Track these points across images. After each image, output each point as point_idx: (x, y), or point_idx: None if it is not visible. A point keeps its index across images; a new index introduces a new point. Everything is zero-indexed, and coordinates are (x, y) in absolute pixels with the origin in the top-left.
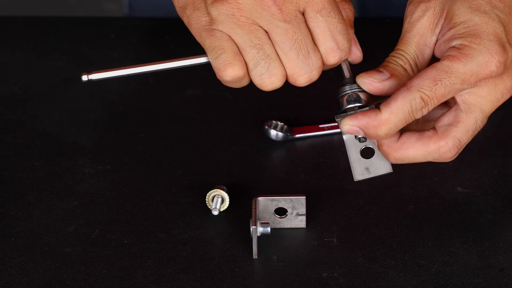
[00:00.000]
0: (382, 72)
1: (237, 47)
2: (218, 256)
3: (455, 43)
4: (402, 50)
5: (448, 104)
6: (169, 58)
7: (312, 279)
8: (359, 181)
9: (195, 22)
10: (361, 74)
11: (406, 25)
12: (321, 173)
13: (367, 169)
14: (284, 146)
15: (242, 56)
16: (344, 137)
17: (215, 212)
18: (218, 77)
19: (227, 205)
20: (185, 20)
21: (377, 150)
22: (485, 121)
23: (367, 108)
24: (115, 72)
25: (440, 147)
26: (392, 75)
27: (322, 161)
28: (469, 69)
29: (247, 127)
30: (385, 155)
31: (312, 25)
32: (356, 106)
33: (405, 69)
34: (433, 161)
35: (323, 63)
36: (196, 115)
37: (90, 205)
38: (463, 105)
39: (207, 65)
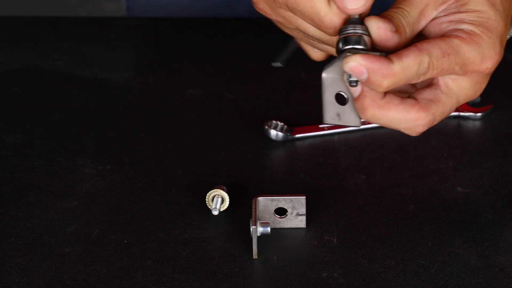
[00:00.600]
0: (390, 23)
1: None
2: (218, 256)
3: (464, 27)
4: (407, 11)
5: (415, 85)
6: (169, 58)
7: (312, 279)
8: (329, 123)
9: None
10: (373, 16)
11: None
12: (321, 173)
13: (338, 115)
14: (284, 146)
15: None
16: (324, 75)
17: (215, 212)
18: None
19: (227, 205)
20: None
21: (351, 101)
22: (453, 111)
23: (378, 54)
24: None
25: (418, 118)
26: (396, 31)
27: (322, 161)
28: (473, 56)
29: (247, 127)
30: (362, 108)
31: None
32: (357, 49)
33: (406, 31)
34: (402, 130)
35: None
36: (196, 115)
37: (90, 205)
38: (444, 87)
39: (207, 63)
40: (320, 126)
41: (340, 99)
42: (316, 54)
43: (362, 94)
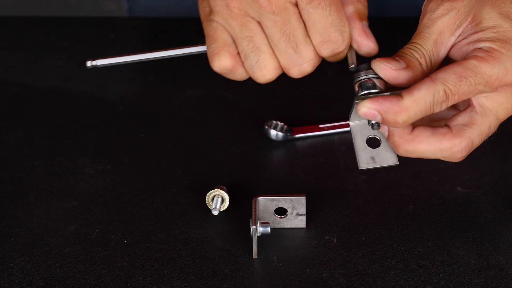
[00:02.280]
0: (398, 61)
1: (232, 38)
2: (218, 256)
3: (482, 45)
4: (420, 44)
5: (457, 107)
6: (168, 58)
7: (312, 279)
8: (363, 170)
9: (201, 13)
10: (377, 59)
11: (425, 20)
12: (321, 173)
13: (372, 158)
14: (284, 146)
15: (236, 49)
16: (351, 123)
17: (215, 212)
18: (211, 66)
19: (227, 205)
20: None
21: (384, 141)
22: (496, 127)
23: (389, 93)
24: (119, 59)
25: (453, 146)
26: (408, 66)
27: (322, 161)
28: (495, 73)
29: (247, 127)
30: (395, 146)
31: (304, 17)
32: (372, 93)
33: (421, 64)
34: (441, 159)
35: (318, 55)
36: (196, 115)
37: (90, 205)
38: (479, 108)
39: (207, 63)
40: (320, 126)
41: (373, 142)
42: None
43: (390, 133)
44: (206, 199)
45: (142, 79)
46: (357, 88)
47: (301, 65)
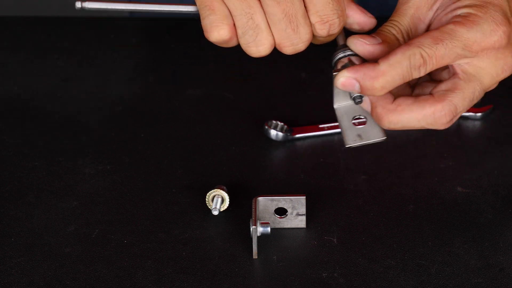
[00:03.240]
0: (374, 37)
1: (229, 11)
2: (218, 256)
3: (460, 12)
4: (396, 20)
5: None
6: (169, 58)
7: (312, 279)
8: (350, 148)
9: None
10: (352, 36)
11: None
12: (321, 173)
13: (359, 135)
14: (284, 146)
15: (234, 21)
16: (335, 106)
17: (215, 212)
18: (205, 35)
19: (227, 205)
20: None
21: (370, 118)
22: (482, 94)
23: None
24: (109, 5)
25: (435, 111)
26: (384, 41)
27: (322, 161)
28: (473, 35)
29: (247, 127)
30: (378, 119)
31: None
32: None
33: (397, 39)
34: (427, 127)
35: (313, 35)
36: (196, 115)
37: (90, 205)
38: (462, 74)
39: (207, 63)
40: (320, 126)
41: (359, 123)
42: None
43: (372, 105)
44: (206, 199)
45: (142, 79)
46: (336, 66)
47: (297, 44)
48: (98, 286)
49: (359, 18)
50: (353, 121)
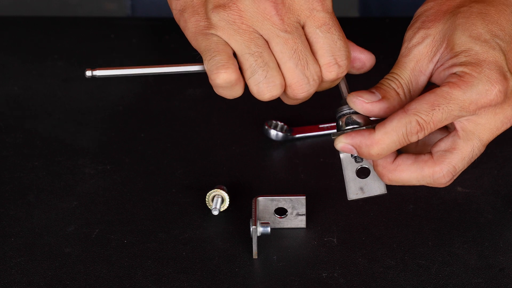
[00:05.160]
0: (373, 93)
1: (234, 52)
2: (218, 256)
3: (455, 70)
4: (397, 74)
5: (448, 129)
6: (169, 58)
7: (312, 279)
8: (352, 201)
9: (192, 26)
10: (351, 94)
11: (403, 50)
12: (321, 173)
13: (361, 189)
14: (284, 146)
15: (240, 64)
16: (341, 155)
17: (215, 212)
18: (210, 80)
19: (227, 205)
20: (182, 24)
21: (373, 170)
22: (482, 149)
23: (364, 127)
24: (118, 71)
25: (434, 173)
26: (383, 97)
27: (322, 161)
28: (468, 97)
29: (247, 127)
30: (380, 176)
31: (312, 39)
32: (352, 128)
33: (398, 93)
34: (427, 185)
35: (321, 77)
36: (196, 115)
37: (90, 205)
38: (461, 132)
39: None
40: (320, 126)
41: (362, 172)
42: None
43: (374, 163)
44: (206, 199)
45: (142, 79)
46: (339, 123)
47: (308, 83)
48: (98, 286)
49: (360, 55)
50: (358, 169)
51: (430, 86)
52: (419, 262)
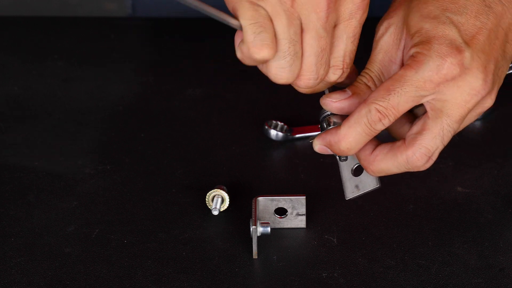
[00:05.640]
0: (345, 91)
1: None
2: (218, 256)
3: (411, 52)
4: (367, 68)
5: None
6: (168, 58)
7: (312, 279)
8: (349, 200)
9: None
10: (322, 96)
11: (373, 43)
12: (321, 173)
13: (357, 186)
14: (284, 146)
15: None
16: (337, 157)
17: (215, 212)
18: (246, 49)
19: (227, 205)
20: None
21: None
22: (455, 126)
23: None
24: None
25: (408, 157)
26: (354, 93)
27: (322, 161)
28: (421, 76)
29: (247, 127)
30: (365, 169)
31: (336, 42)
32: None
33: (369, 87)
34: (407, 171)
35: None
36: (196, 115)
37: (90, 205)
38: (430, 112)
39: (207, 63)
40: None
41: (358, 170)
42: None
43: (358, 158)
44: (206, 199)
45: (142, 79)
46: (321, 126)
47: (315, 80)
48: (98, 286)
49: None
50: (353, 168)
51: None
52: (419, 262)
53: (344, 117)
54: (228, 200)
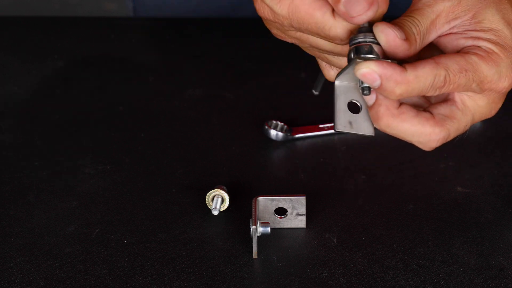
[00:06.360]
0: (400, 31)
1: None
2: (218, 256)
3: (482, 44)
4: (418, 20)
5: (429, 99)
6: (169, 58)
7: (312, 279)
8: (337, 132)
9: None
10: (382, 23)
11: None
12: (321, 173)
13: (350, 123)
14: (284, 146)
15: None
16: (337, 82)
17: (215, 212)
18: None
19: (227, 205)
20: None
21: (365, 109)
22: (466, 129)
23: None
24: None
25: (432, 133)
26: (406, 39)
27: (322, 161)
28: (491, 75)
29: (247, 127)
30: (377, 117)
31: None
32: (369, 58)
33: (416, 40)
34: (415, 143)
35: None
36: (196, 115)
37: (90, 205)
38: (461, 104)
39: (207, 63)
40: (320, 126)
41: (353, 108)
42: (333, 72)
43: (377, 102)
44: (206, 199)
45: (142, 79)
46: (352, 52)
47: (354, 12)
48: (98, 286)
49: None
50: (349, 103)
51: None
52: (419, 262)
53: (382, 53)
54: (228, 200)
